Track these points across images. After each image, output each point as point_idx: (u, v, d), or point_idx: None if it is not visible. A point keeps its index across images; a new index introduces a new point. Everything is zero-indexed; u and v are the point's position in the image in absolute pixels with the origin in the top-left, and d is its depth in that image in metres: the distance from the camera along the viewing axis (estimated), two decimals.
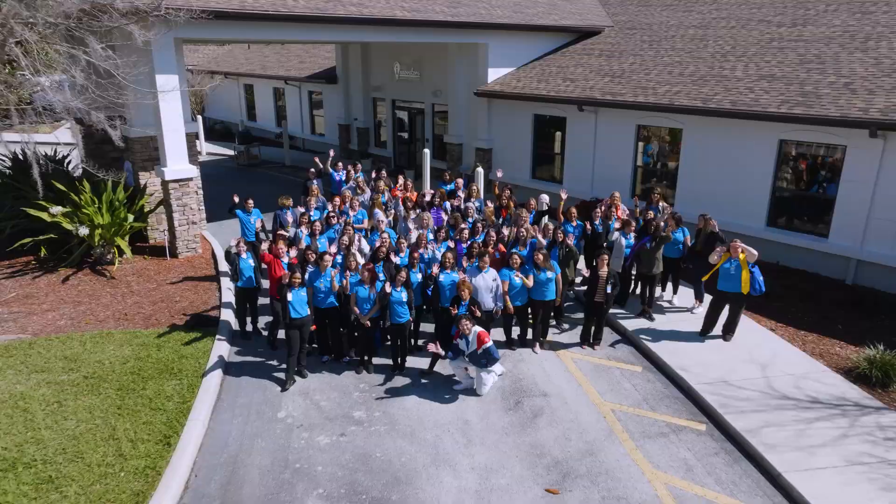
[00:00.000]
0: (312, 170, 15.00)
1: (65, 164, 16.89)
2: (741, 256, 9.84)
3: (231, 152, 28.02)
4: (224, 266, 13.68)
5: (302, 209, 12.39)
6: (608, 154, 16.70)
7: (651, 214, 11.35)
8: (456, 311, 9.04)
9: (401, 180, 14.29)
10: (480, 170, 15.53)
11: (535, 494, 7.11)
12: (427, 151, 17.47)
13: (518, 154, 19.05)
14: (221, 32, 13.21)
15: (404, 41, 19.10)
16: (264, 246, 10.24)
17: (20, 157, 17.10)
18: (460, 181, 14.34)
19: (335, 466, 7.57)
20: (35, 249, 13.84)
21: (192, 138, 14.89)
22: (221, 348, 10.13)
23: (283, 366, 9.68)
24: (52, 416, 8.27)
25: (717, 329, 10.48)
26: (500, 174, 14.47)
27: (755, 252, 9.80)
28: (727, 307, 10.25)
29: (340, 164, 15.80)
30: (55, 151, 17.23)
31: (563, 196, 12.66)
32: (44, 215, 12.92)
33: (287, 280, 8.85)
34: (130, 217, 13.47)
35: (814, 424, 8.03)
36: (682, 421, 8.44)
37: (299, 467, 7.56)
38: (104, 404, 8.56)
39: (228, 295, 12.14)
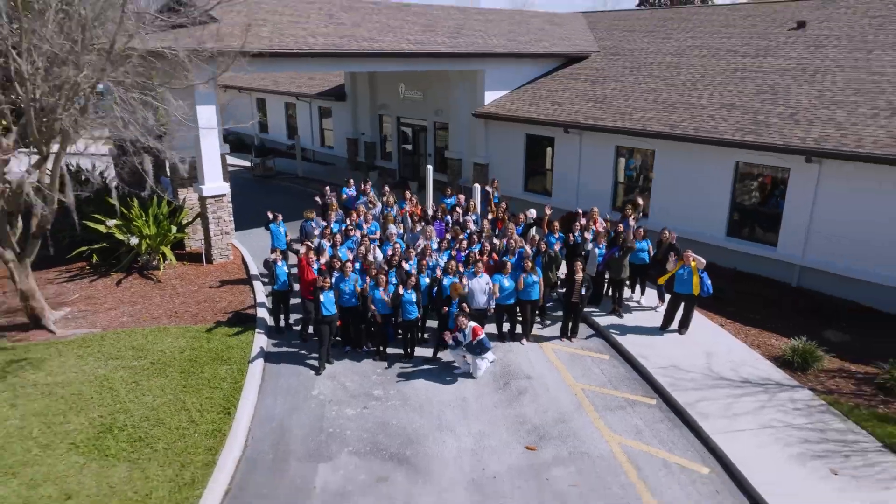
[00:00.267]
0: (327, 188, 17.05)
1: (105, 179, 18.92)
2: (692, 264, 11.90)
3: (245, 163, 30.11)
4: (254, 270, 15.76)
5: (324, 222, 14.43)
6: (591, 171, 18.76)
7: (621, 228, 13.40)
8: (447, 309, 11.09)
9: (408, 194, 16.35)
10: (477, 185, 17.58)
11: (517, 452, 9.15)
12: (430, 168, 19.52)
13: (512, 169, 21.10)
14: (253, 68, 15.18)
15: (410, 70, 21.17)
16: (302, 250, 12.22)
17: (69, 173, 19.18)
18: (462, 197, 16.40)
19: (361, 431, 9.61)
20: (88, 256, 15.89)
21: (222, 158, 16.94)
22: (261, 340, 12.18)
23: (314, 355, 11.72)
24: (133, 392, 10.32)
25: (675, 325, 12.52)
26: (487, 188, 16.61)
27: (703, 260, 11.86)
28: (682, 306, 12.30)
29: (352, 180, 17.86)
30: (94, 166, 19.26)
31: (548, 211, 14.70)
32: (101, 227, 14.97)
33: (320, 284, 10.90)
34: (174, 228, 15.53)
35: (741, 399, 10.08)
36: (637, 397, 10.49)
37: (332, 432, 9.60)
38: (172, 384, 10.61)
39: (261, 296, 14.19)
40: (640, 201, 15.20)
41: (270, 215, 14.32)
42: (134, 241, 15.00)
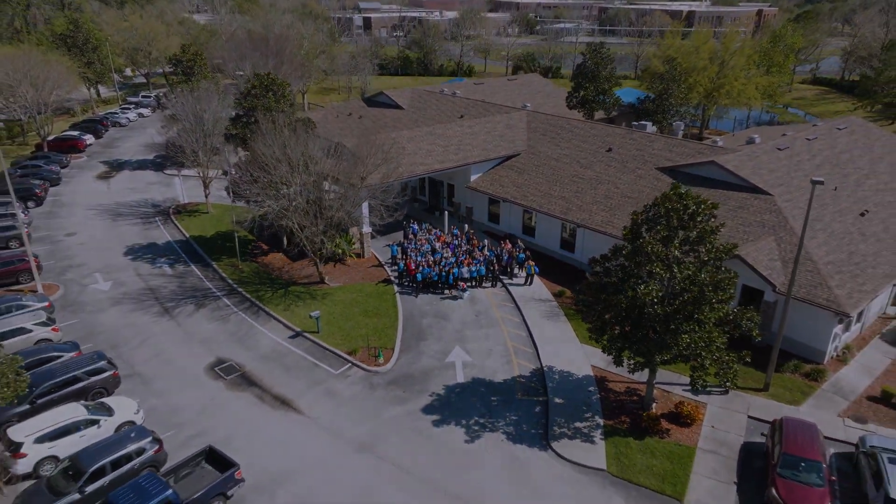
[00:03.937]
0: (407, 223, 43.07)
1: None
2: (531, 263, 38.06)
3: None
4: (382, 259, 42.11)
5: (408, 244, 40.45)
6: (515, 217, 44.52)
7: (513, 249, 39.44)
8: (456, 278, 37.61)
9: (439, 232, 42.35)
10: (466, 225, 43.46)
11: (473, 315, 35.66)
12: (446, 213, 45.21)
13: (483, 211, 46.87)
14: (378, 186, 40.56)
15: (438, 172, 46.69)
16: (406, 259, 38.40)
17: None
18: (459, 232, 42.36)
19: (431, 312, 36.11)
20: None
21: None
22: (395, 288, 38.53)
23: (413, 294, 38.05)
24: (366, 303, 36.79)
25: (528, 283, 38.74)
26: (466, 227, 42.68)
27: (533, 262, 38.03)
28: (530, 277, 38.47)
29: (414, 220, 43.77)
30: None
31: (488, 241, 40.74)
32: (331, 245, 41.10)
33: (415, 270, 37.14)
34: (353, 245, 41.70)
35: (531, 302, 36.44)
36: (508, 304, 36.91)
37: (423, 311, 36.10)
38: (376, 300, 37.08)
39: (389, 271, 40.44)
40: (521, 242, 41.07)
41: (390, 243, 40.49)
42: (339, 250, 41.17)
